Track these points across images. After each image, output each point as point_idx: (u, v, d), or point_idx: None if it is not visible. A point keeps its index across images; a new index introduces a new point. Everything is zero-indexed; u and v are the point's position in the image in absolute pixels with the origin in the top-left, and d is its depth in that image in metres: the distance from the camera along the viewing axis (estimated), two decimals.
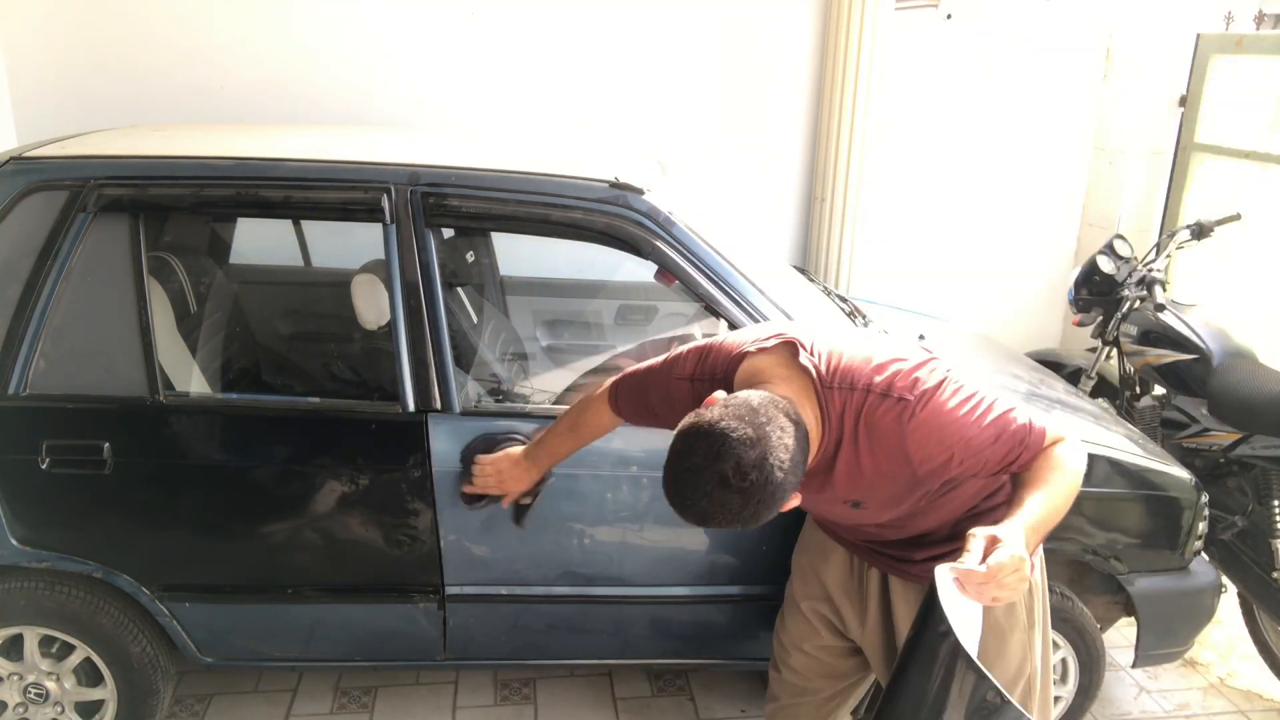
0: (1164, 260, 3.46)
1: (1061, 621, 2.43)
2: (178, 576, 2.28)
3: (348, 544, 2.27)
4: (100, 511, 2.23)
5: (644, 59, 4.04)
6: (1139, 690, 2.98)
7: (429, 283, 2.20)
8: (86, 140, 2.43)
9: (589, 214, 2.21)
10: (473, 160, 2.33)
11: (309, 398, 2.33)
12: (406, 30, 3.85)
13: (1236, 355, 3.10)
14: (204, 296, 2.70)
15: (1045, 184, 4.60)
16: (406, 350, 2.19)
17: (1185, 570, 2.51)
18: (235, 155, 2.26)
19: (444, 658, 2.41)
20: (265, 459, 2.25)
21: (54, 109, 3.68)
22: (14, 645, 2.30)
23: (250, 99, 3.80)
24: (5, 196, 2.14)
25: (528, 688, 2.85)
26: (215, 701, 2.74)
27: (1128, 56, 4.39)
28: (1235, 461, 2.99)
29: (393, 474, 2.21)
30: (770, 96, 4.20)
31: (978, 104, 4.40)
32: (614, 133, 4.09)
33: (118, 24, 3.68)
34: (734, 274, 2.25)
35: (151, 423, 2.18)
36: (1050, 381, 2.99)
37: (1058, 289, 4.69)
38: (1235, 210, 3.52)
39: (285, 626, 2.37)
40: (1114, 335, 3.49)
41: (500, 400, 2.36)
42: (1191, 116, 4.22)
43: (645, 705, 2.81)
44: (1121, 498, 2.42)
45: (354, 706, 2.74)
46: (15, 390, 2.13)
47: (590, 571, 2.31)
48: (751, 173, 4.27)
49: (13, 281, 2.13)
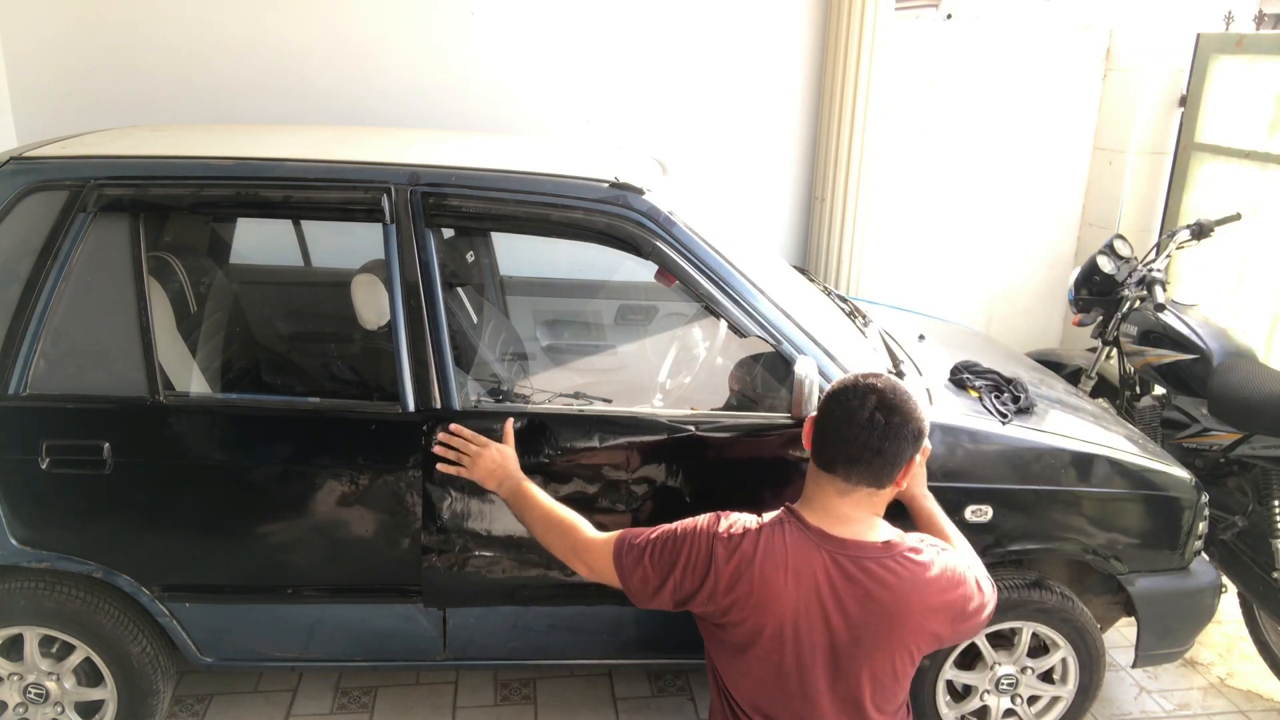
0: (1164, 260, 3.46)
1: (1061, 621, 2.43)
2: (178, 576, 2.28)
3: (348, 544, 2.27)
4: (100, 512, 2.22)
5: (644, 59, 4.05)
6: (1139, 690, 2.98)
7: (429, 283, 2.20)
8: (86, 140, 2.43)
9: (589, 214, 2.21)
10: (473, 160, 2.33)
11: (309, 398, 2.34)
12: (406, 30, 3.85)
13: (1236, 355, 3.10)
14: (204, 296, 2.70)
15: (1045, 184, 4.60)
16: (406, 350, 2.19)
17: (1185, 570, 2.51)
18: (235, 155, 2.26)
19: (444, 658, 2.41)
20: (265, 459, 2.25)
21: (54, 109, 3.69)
22: (14, 645, 2.30)
23: (250, 99, 3.81)
24: (5, 196, 2.14)
25: (528, 688, 2.85)
26: (215, 701, 2.74)
27: (1128, 57, 4.39)
28: (1235, 461, 2.99)
29: (392, 474, 2.21)
30: (770, 96, 4.20)
31: (978, 104, 4.40)
32: (614, 132, 4.09)
33: (118, 24, 3.68)
34: (734, 274, 2.25)
35: (151, 423, 2.18)
36: (1050, 381, 2.99)
37: (1058, 289, 4.69)
38: (1235, 210, 3.52)
39: (285, 626, 2.37)
40: (1114, 335, 3.49)
41: (500, 400, 2.36)
42: (1191, 116, 4.22)
43: (645, 705, 2.81)
44: (1122, 498, 2.42)
45: (354, 706, 2.74)
46: (15, 390, 2.13)
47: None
48: (751, 173, 4.27)
49: (13, 281, 2.14)
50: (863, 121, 4.03)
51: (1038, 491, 2.34)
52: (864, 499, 1.67)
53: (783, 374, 2.23)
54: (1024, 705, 2.53)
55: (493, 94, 3.96)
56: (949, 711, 2.51)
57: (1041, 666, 2.50)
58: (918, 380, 2.57)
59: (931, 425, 2.30)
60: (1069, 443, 2.40)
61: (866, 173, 4.11)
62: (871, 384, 1.66)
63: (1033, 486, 2.34)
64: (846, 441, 1.64)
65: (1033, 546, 2.37)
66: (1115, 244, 3.59)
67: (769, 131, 4.24)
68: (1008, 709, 2.53)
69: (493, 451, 2.09)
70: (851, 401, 1.65)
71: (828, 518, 1.67)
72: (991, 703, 2.51)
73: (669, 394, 2.64)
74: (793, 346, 2.23)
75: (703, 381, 2.64)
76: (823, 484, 1.68)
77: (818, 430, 1.70)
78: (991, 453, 2.33)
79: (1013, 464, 2.33)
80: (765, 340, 2.24)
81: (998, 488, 2.31)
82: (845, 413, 1.64)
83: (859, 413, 1.63)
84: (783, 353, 2.23)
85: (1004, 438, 2.35)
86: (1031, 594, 2.39)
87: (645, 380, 2.80)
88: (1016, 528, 2.34)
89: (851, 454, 1.64)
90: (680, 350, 2.77)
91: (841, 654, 1.65)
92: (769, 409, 2.29)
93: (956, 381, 2.60)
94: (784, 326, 2.26)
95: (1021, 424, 2.42)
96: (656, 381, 2.70)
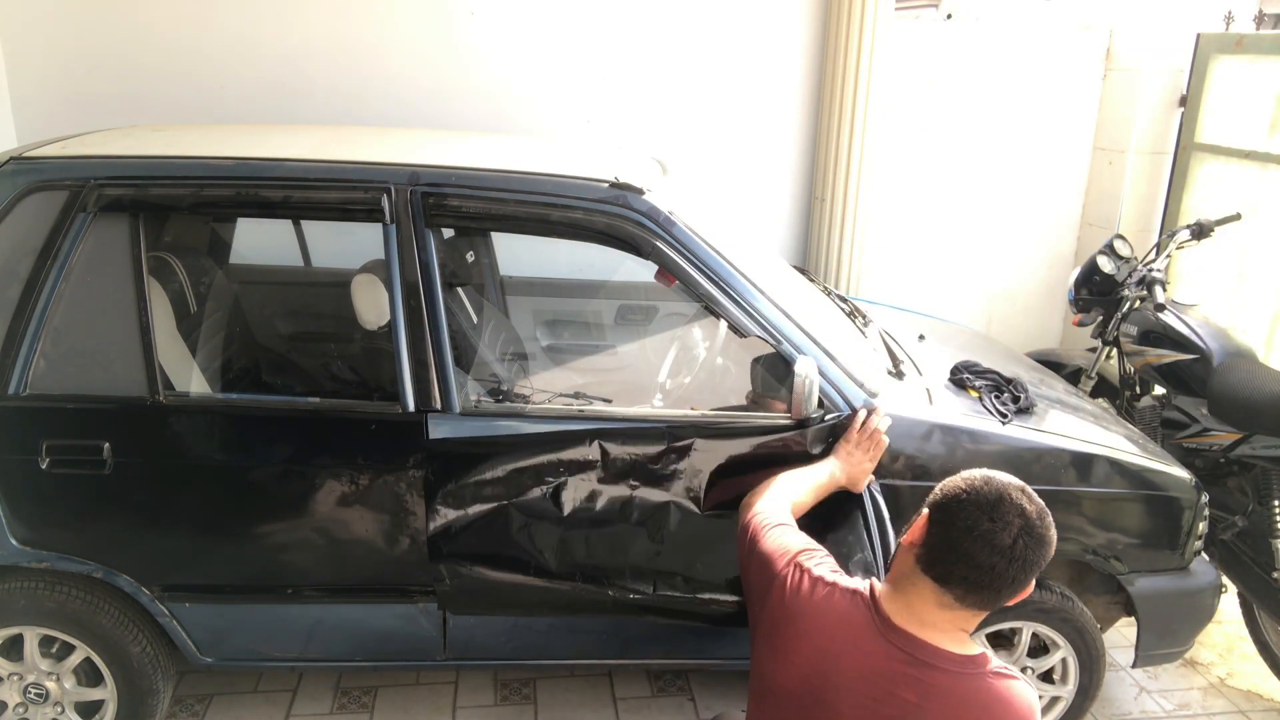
0: (1164, 260, 3.46)
1: (1061, 621, 2.43)
2: (178, 576, 2.28)
3: (348, 544, 2.27)
4: (100, 512, 2.23)
5: (644, 59, 4.04)
6: (1139, 690, 2.98)
7: (429, 283, 2.20)
8: (86, 140, 2.43)
9: (589, 214, 2.21)
10: (473, 160, 2.33)
11: (309, 398, 2.33)
12: (407, 30, 3.85)
13: (1236, 355, 3.10)
14: (204, 296, 2.70)
15: (1045, 184, 4.60)
16: (406, 350, 2.19)
17: (1185, 570, 2.51)
18: (235, 155, 2.26)
19: (444, 658, 2.41)
20: (265, 459, 2.25)
21: (54, 109, 3.69)
22: (14, 645, 2.30)
23: (250, 99, 3.81)
24: (5, 196, 2.15)
25: (528, 688, 2.85)
26: (215, 701, 2.74)
27: (1128, 57, 4.39)
28: (1235, 461, 2.98)
29: (393, 474, 2.21)
30: (770, 96, 4.20)
31: (978, 104, 4.40)
32: (614, 132, 4.09)
33: (118, 24, 3.68)
34: (734, 274, 2.25)
35: (151, 423, 2.18)
36: (1050, 381, 2.99)
37: (1058, 289, 4.69)
38: (1235, 210, 3.52)
39: (285, 626, 2.37)
40: (1114, 335, 3.49)
41: (500, 400, 2.36)
42: (1191, 116, 4.22)
43: (645, 705, 2.81)
44: (1122, 498, 2.42)
45: (354, 706, 2.74)
46: (15, 390, 2.13)
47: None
48: (751, 173, 4.27)
49: (13, 281, 2.14)
50: (863, 121, 4.03)
51: (1038, 491, 2.33)
52: (966, 617, 1.47)
53: (783, 374, 2.23)
54: None
55: (493, 94, 3.96)
56: None
57: (1041, 666, 2.50)
58: (918, 380, 2.57)
59: (931, 425, 2.32)
60: (1069, 443, 2.40)
61: (866, 173, 4.11)
62: (1021, 506, 1.43)
63: (1033, 486, 2.32)
64: (977, 566, 1.40)
65: None
66: (1115, 244, 3.59)
67: (769, 131, 4.24)
68: None
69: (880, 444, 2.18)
70: (995, 522, 1.40)
71: (911, 617, 1.47)
72: None
73: (669, 394, 2.64)
74: (793, 346, 2.23)
75: (702, 381, 2.64)
76: (922, 588, 1.46)
77: (940, 537, 1.44)
78: (991, 453, 2.32)
79: (1013, 464, 2.33)
80: (765, 340, 2.24)
81: None
82: (983, 533, 1.40)
83: (1000, 538, 1.40)
84: (783, 353, 2.23)
85: (1004, 438, 2.35)
86: (1031, 594, 2.39)
87: (645, 380, 2.80)
88: None
89: (979, 580, 1.41)
90: (680, 350, 2.77)
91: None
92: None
93: (956, 381, 2.60)
94: (784, 326, 2.26)
95: (1021, 424, 2.42)
96: (656, 381, 2.71)
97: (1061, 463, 2.36)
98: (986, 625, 2.41)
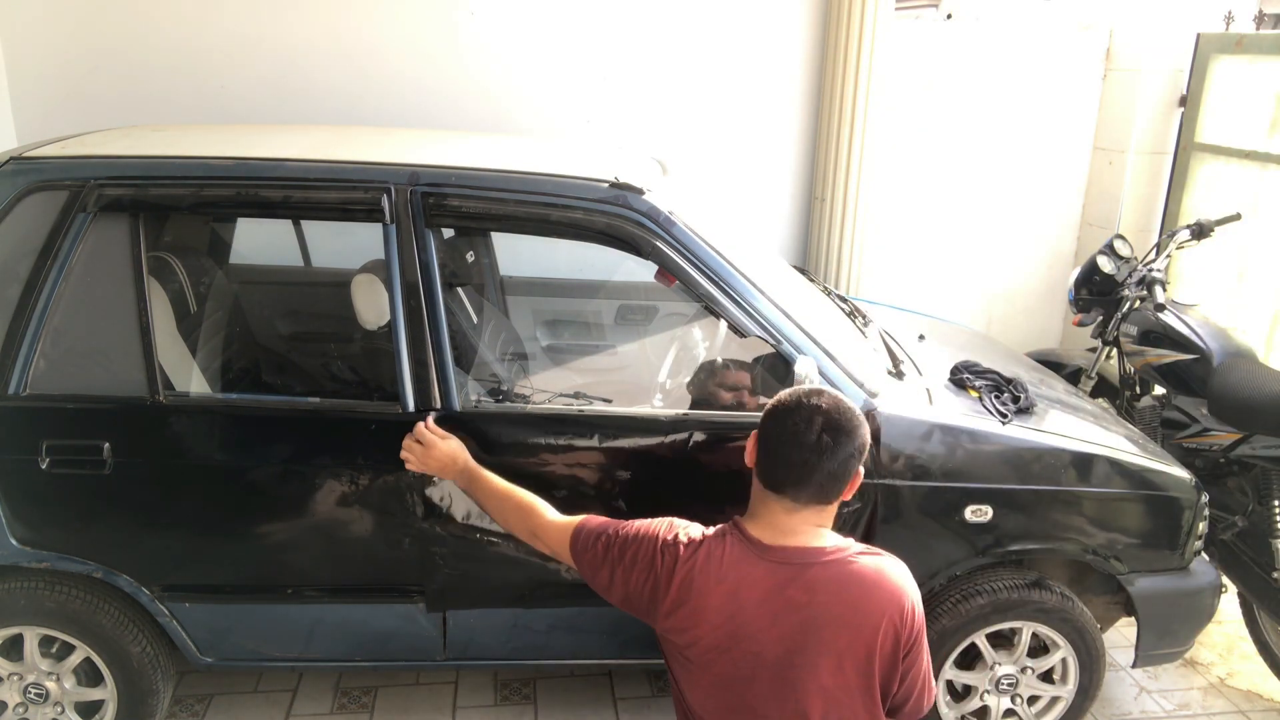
0: (1164, 260, 3.46)
1: (1061, 621, 2.43)
2: (178, 576, 2.28)
3: (348, 544, 2.27)
4: (100, 511, 2.23)
5: (644, 59, 4.05)
6: (1139, 690, 2.98)
7: (429, 283, 2.20)
8: (86, 140, 2.43)
9: (589, 214, 2.21)
10: (473, 160, 2.33)
11: (309, 398, 2.33)
12: (407, 30, 3.85)
13: (1236, 355, 3.10)
14: (204, 296, 2.70)
15: (1045, 184, 4.60)
16: (406, 350, 2.19)
17: (1185, 570, 2.51)
18: (235, 155, 2.26)
19: (444, 658, 2.41)
20: (265, 459, 2.25)
21: (54, 109, 3.69)
22: (14, 645, 2.30)
23: (250, 99, 3.81)
24: (5, 196, 2.14)
25: (528, 688, 2.85)
26: (215, 701, 2.74)
27: (1128, 57, 4.39)
28: (1235, 461, 2.98)
29: (392, 474, 2.21)
30: (770, 96, 4.20)
31: (978, 104, 4.40)
32: (614, 132, 4.09)
33: (118, 24, 3.68)
34: (734, 274, 2.25)
35: (151, 423, 2.18)
36: (1050, 381, 2.99)
37: (1058, 289, 4.69)
38: (1235, 210, 3.52)
39: (285, 626, 2.37)
40: (1114, 335, 3.49)
41: (500, 400, 2.36)
42: (1191, 116, 4.22)
43: (645, 705, 2.81)
44: (1122, 498, 2.42)
45: (354, 706, 2.74)
46: (15, 390, 2.13)
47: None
48: (751, 173, 4.27)
49: (13, 281, 2.14)
50: (863, 121, 4.03)
51: (1038, 491, 2.34)
52: (811, 514, 1.65)
53: (783, 374, 2.23)
54: (1024, 705, 2.53)
55: (493, 93, 3.96)
56: (949, 711, 2.51)
57: (1041, 666, 2.50)
58: (918, 380, 2.57)
59: (931, 425, 2.32)
60: (1069, 443, 2.40)
61: (866, 173, 4.11)
62: (817, 405, 1.62)
63: (1033, 486, 2.34)
64: (794, 465, 1.61)
65: (1033, 546, 2.37)
66: (1115, 244, 3.59)
67: (769, 131, 4.24)
68: (1008, 709, 2.53)
69: (442, 444, 2.10)
70: (798, 424, 1.61)
71: (773, 531, 1.65)
72: (991, 703, 2.51)
73: (669, 394, 2.64)
74: (793, 346, 2.23)
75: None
76: (769, 502, 1.66)
77: (762, 451, 1.66)
78: (991, 453, 2.33)
79: (1013, 464, 2.33)
80: (765, 340, 2.24)
81: (998, 488, 2.31)
82: (791, 435, 1.61)
83: (806, 435, 1.60)
84: (783, 353, 2.23)
85: (1004, 438, 2.35)
86: (1031, 594, 2.40)
87: (645, 380, 2.80)
88: (1016, 528, 2.34)
89: (800, 477, 1.61)
90: (680, 350, 2.77)
91: (784, 666, 1.61)
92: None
93: (956, 381, 2.60)
94: (784, 326, 2.26)
95: (1021, 424, 2.42)
96: (656, 381, 2.70)
97: (1061, 463, 2.36)
98: (986, 625, 2.41)
